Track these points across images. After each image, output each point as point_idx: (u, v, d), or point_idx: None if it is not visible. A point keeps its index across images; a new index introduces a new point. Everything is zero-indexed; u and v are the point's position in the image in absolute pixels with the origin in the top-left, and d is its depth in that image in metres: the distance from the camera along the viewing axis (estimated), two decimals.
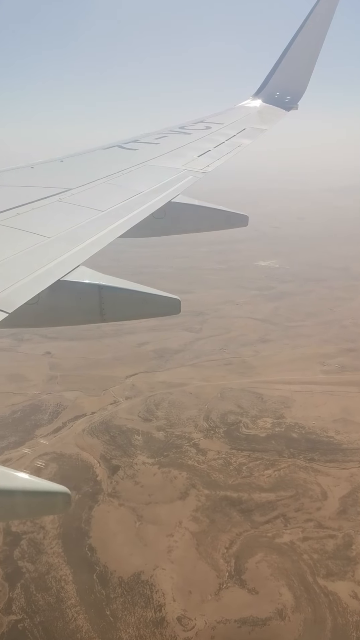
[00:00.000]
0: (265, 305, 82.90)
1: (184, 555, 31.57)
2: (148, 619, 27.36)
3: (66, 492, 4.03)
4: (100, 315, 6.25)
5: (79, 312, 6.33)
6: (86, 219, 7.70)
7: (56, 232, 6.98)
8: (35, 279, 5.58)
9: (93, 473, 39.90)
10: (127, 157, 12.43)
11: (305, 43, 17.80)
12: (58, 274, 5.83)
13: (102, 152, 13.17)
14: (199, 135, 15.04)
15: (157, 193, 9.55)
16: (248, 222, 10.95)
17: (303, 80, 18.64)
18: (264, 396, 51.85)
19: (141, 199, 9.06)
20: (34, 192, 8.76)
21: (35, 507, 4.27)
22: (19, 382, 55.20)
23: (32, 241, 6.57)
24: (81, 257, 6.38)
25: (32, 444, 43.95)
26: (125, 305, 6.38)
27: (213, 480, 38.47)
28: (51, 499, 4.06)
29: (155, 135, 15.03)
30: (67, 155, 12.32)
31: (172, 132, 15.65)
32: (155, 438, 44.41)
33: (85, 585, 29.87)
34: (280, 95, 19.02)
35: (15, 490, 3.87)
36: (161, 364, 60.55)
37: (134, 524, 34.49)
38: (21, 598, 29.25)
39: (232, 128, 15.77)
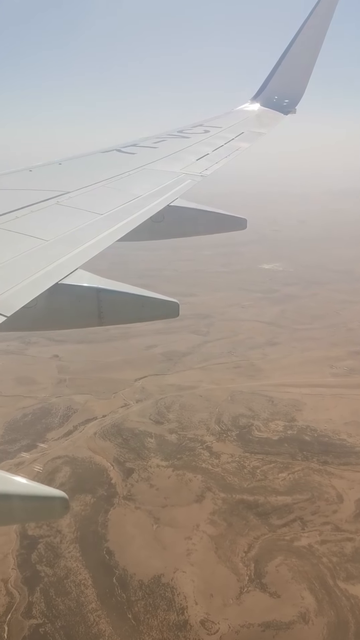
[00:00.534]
0: (271, 308, 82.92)
1: (203, 559, 31.50)
2: (171, 622, 27.28)
3: (64, 497, 3.97)
4: (98, 319, 6.21)
5: (77, 315, 6.30)
6: (85, 222, 7.69)
7: (54, 235, 6.96)
8: (34, 282, 5.57)
9: (107, 476, 39.82)
10: (126, 160, 12.45)
11: (303, 47, 17.83)
12: (56, 277, 5.81)
13: (100, 155, 13.17)
14: (198, 139, 15.05)
15: (155, 197, 9.56)
16: (247, 226, 10.86)
17: (301, 84, 18.67)
18: (274, 399, 51.82)
19: (140, 203, 9.06)
20: (33, 195, 8.75)
21: (33, 512, 4.23)
22: (29, 385, 55.12)
23: (30, 244, 6.54)
24: (80, 261, 6.36)
25: (44, 447, 43.82)
26: (123, 308, 6.36)
27: (228, 483, 38.42)
28: (49, 503, 4.01)
29: (154, 139, 15.02)
30: (65, 158, 12.30)
31: (171, 135, 15.64)
32: (168, 441, 44.35)
33: (105, 589, 29.78)
34: (279, 99, 19.01)
35: (13, 495, 3.83)
36: (170, 366, 60.51)
37: (151, 527, 34.41)
38: (41, 602, 29.15)
39: (230, 132, 15.80)
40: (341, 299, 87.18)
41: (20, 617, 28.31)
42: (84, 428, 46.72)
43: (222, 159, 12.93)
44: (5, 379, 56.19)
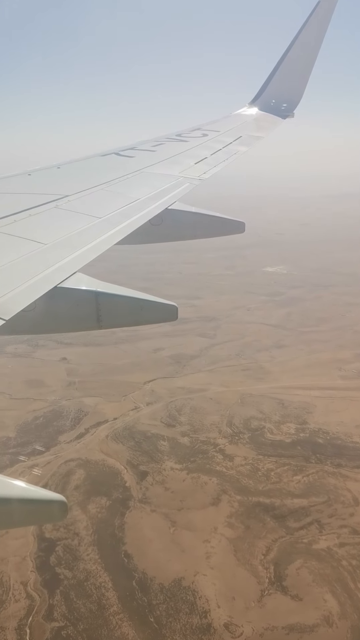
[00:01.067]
0: (277, 310, 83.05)
1: (223, 562, 31.49)
2: (194, 626, 27.24)
3: (62, 501, 3.97)
4: (97, 322, 6.18)
5: (75, 318, 6.27)
6: (83, 225, 7.67)
7: (53, 238, 6.94)
8: (32, 285, 5.57)
9: (121, 479, 39.79)
10: (124, 164, 12.40)
11: (300, 51, 17.90)
12: (55, 280, 5.79)
13: (99, 159, 13.14)
14: (196, 142, 15.02)
15: (154, 200, 9.55)
16: (245, 229, 10.75)
17: (299, 89, 18.71)
18: (284, 402, 51.85)
19: (138, 206, 9.06)
20: (31, 198, 8.71)
21: (31, 515, 4.25)
22: (38, 388, 55.07)
23: (29, 248, 6.52)
24: (78, 264, 6.33)
25: (57, 450, 43.80)
26: (122, 311, 6.34)
27: (243, 486, 38.42)
28: (48, 507, 4.01)
29: (152, 142, 15.01)
30: (64, 162, 12.31)
31: (169, 139, 15.63)
32: (181, 444, 44.35)
33: (126, 592, 29.75)
34: (276, 103, 19.02)
35: (12, 499, 3.84)
36: (178, 369, 60.51)
37: (169, 530, 34.39)
38: (62, 605, 29.10)
39: (228, 135, 15.80)
40: (346, 301, 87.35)
41: (41, 620, 28.27)
42: (96, 431, 46.68)
43: (220, 162, 12.95)
44: (15, 382, 56.21)
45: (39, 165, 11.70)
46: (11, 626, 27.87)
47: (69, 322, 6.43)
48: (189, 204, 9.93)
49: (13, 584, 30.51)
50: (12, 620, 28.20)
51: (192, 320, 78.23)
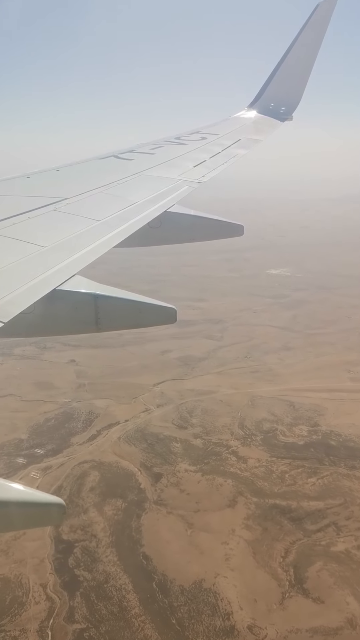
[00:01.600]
0: (283, 313, 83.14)
1: (243, 564, 31.50)
2: (217, 628, 27.23)
3: (61, 504, 3.98)
4: (96, 325, 6.16)
5: (74, 321, 6.25)
6: (82, 228, 7.64)
7: (52, 241, 6.92)
8: (31, 288, 5.55)
9: (135, 481, 39.78)
10: (123, 167, 12.38)
11: (299, 55, 17.92)
12: (54, 283, 5.78)
13: (98, 161, 12.99)
14: (195, 145, 15.00)
15: (152, 203, 9.51)
16: (243, 232, 10.68)
17: (297, 92, 18.70)
18: (295, 404, 51.87)
19: (137, 209, 9.02)
20: (30, 201, 8.73)
21: (30, 518, 4.23)
22: (48, 390, 55.06)
23: (27, 250, 6.50)
24: (77, 267, 6.30)
25: (70, 451, 43.78)
26: (121, 314, 6.28)
27: (259, 488, 38.43)
28: (46, 510, 4.03)
29: (151, 145, 14.95)
30: (63, 164, 12.25)
31: (168, 142, 15.58)
32: (194, 445, 44.36)
33: (147, 594, 29.74)
34: (275, 106, 18.99)
35: (10, 502, 3.84)
36: (187, 371, 60.51)
37: (186, 532, 34.39)
38: (82, 607, 29.08)
39: (227, 139, 15.77)
40: (351, 303, 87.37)
41: (62, 622, 28.24)
42: (108, 433, 46.67)
43: (219, 165, 12.92)
44: (25, 384, 56.20)
45: (38, 168, 11.66)
46: (32, 628, 27.84)
47: (67, 325, 6.43)
48: (188, 207, 9.93)
49: (32, 586, 30.48)
50: (33, 623, 28.16)
51: (198, 322, 78.28)
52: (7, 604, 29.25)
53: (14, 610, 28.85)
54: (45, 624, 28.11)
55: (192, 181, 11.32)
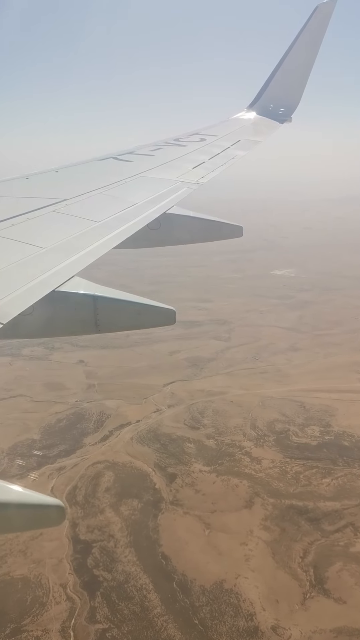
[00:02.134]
0: (289, 313, 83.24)
1: (263, 564, 31.53)
2: (241, 628, 27.24)
3: (60, 505, 4.00)
4: (95, 326, 6.15)
5: (73, 322, 6.26)
6: (81, 229, 7.62)
7: (51, 242, 6.90)
8: (30, 289, 5.55)
9: (150, 481, 39.79)
10: (122, 168, 12.33)
11: (299, 57, 17.94)
12: (53, 284, 5.78)
13: (97, 163, 12.95)
14: (194, 147, 14.85)
15: (152, 204, 9.48)
16: (243, 233, 10.69)
17: (297, 94, 18.72)
18: (305, 405, 51.93)
19: (136, 210, 9.00)
20: (29, 202, 8.69)
21: (29, 520, 4.21)
22: (58, 390, 55.04)
23: (27, 252, 6.48)
24: (76, 268, 6.28)
25: (83, 452, 43.76)
26: (120, 315, 6.30)
27: (274, 488, 38.46)
28: (45, 511, 4.02)
29: (150, 147, 14.92)
30: (62, 166, 12.21)
31: (167, 144, 15.56)
32: (207, 446, 44.39)
33: (167, 594, 29.75)
34: (274, 108, 18.99)
35: (9, 503, 3.83)
36: (196, 372, 60.53)
37: (204, 532, 34.41)
38: (104, 607, 29.08)
39: (226, 140, 15.78)
40: (356, 304, 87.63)
41: (84, 622, 28.23)
42: (120, 433, 46.67)
43: (218, 167, 12.90)
44: (35, 384, 56.18)
45: (37, 169, 11.62)
46: (55, 628, 27.83)
47: (67, 326, 6.42)
48: (187, 208, 9.92)
49: (52, 586, 30.48)
50: (55, 623, 28.17)
51: (205, 323, 78.42)
52: (29, 604, 29.24)
53: (35, 611, 28.84)
54: (67, 624, 28.10)
55: (192, 182, 11.33)
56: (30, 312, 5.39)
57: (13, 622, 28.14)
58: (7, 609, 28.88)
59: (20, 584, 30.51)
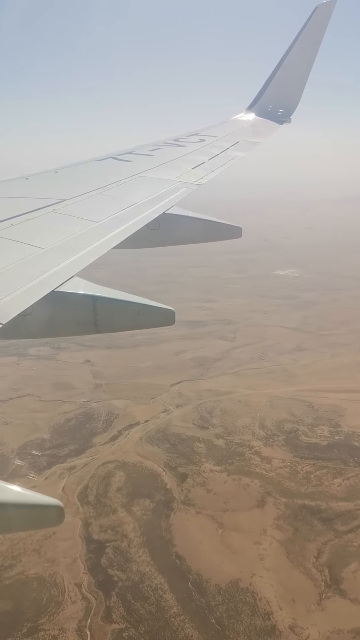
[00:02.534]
0: (293, 313, 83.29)
1: (277, 564, 31.53)
2: (258, 627, 27.23)
3: (59, 506, 3.97)
4: (94, 326, 6.17)
5: (73, 322, 6.28)
6: (81, 230, 7.64)
7: (50, 243, 6.92)
8: (29, 289, 5.56)
9: (161, 481, 39.78)
10: (122, 168, 12.36)
11: (298, 58, 17.94)
12: (52, 284, 5.79)
13: (96, 163, 12.98)
14: (193, 147, 14.91)
15: (151, 204, 9.52)
16: (242, 234, 10.69)
17: (296, 95, 18.75)
18: (314, 404, 51.95)
19: (136, 210, 9.04)
20: (28, 203, 8.71)
21: (28, 521, 4.22)
22: (66, 390, 55.05)
23: (26, 252, 6.50)
24: (75, 268, 6.30)
25: (93, 452, 43.75)
26: (119, 316, 6.33)
27: (286, 488, 38.48)
28: (44, 512, 4.01)
29: (149, 147, 14.79)
30: (61, 166, 12.13)
31: (167, 144, 15.45)
32: (217, 446, 44.40)
33: (183, 594, 29.74)
34: (273, 109, 19.02)
35: (7, 504, 3.83)
36: (203, 372, 60.54)
37: (217, 532, 34.43)
38: (119, 607, 29.06)
39: (225, 141, 15.81)
40: None
41: (100, 622, 28.21)
42: (129, 433, 46.66)
43: (217, 167, 12.93)
44: (43, 384, 56.18)
45: (37, 170, 11.61)
46: (71, 628, 27.80)
47: (66, 326, 6.43)
48: (186, 209, 9.93)
49: (67, 586, 30.47)
50: (71, 622, 28.13)
51: (210, 323, 78.49)
52: (44, 603, 29.22)
53: (51, 610, 28.83)
54: (84, 624, 28.07)
55: (191, 183, 11.34)
56: (30, 313, 5.41)
57: (29, 621, 28.12)
58: (23, 608, 28.86)
59: (35, 583, 30.49)
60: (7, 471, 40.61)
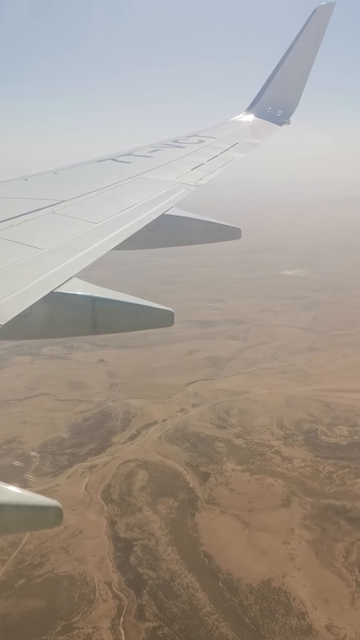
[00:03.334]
0: (303, 314, 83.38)
1: (307, 563, 31.54)
2: (294, 627, 27.23)
3: (57, 507, 3.95)
4: (93, 327, 6.16)
5: (72, 323, 6.26)
6: (80, 231, 7.63)
7: (49, 244, 6.91)
8: (29, 290, 5.56)
9: (183, 480, 39.78)
10: (121, 169, 12.34)
11: (297, 60, 17.93)
12: (51, 285, 5.79)
13: (96, 164, 12.96)
14: (193, 148, 14.89)
15: (150, 205, 9.50)
16: (241, 235, 10.64)
17: (295, 96, 18.72)
18: (330, 404, 51.98)
19: (135, 212, 9.02)
20: (28, 204, 8.69)
21: (27, 521, 4.19)
22: (81, 389, 55.04)
23: (25, 253, 6.49)
24: (74, 269, 6.30)
25: (112, 451, 43.73)
26: (118, 317, 6.32)
27: (310, 488, 38.50)
28: (43, 513, 3.99)
29: (149, 148, 14.76)
30: (61, 167, 12.13)
31: (166, 145, 15.42)
32: (237, 445, 44.42)
33: (215, 593, 29.72)
34: (272, 110, 18.99)
35: (6, 505, 3.82)
36: (217, 371, 60.57)
37: (243, 531, 34.42)
38: (152, 605, 29.04)
39: (225, 142, 15.78)
40: None
41: (133, 620, 28.19)
42: (147, 432, 46.65)
43: (216, 169, 12.90)
44: (58, 384, 56.18)
45: (36, 171, 11.57)
46: (105, 626, 27.78)
47: (65, 327, 6.43)
48: (187, 210, 9.91)
49: (97, 584, 30.46)
50: (104, 620, 28.11)
51: (220, 323, 78.57)
52: (76, 601, 29.22)
53: (83, 608, 28.82)
54: (117, 622, 28.05)
55: (190, 184, 11.32)
56: (29, 313, 5.41)
57: (63, 619, 28.12)
58: (56, 606, 28.85)
59: (66, 582, 30.49)
60: (30, 469, 40.58)
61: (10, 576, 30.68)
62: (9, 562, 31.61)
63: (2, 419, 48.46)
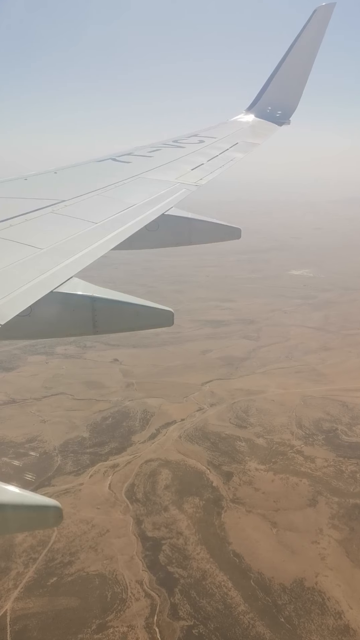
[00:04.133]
0: (314, 313, 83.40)
1: (339, 563, 31.50)
2: (331, 627, 27.18)
3: (57, 506, 3.95)
4: (92, 327, 6.18)
5: (71, 323, 6.28)
6: (80, 231, 7.64)
7: (49, 243, 6.92)
8: (28, 290, 5.57)
9: (207, 479, 39.73)
10: (121, 169, 12.37)
11: (297, 60, 17.96)
12: (51, 285, 5.80)
13: (95, 164, 13.01)
14: (193, 149, 14.91)
15: (150, 205, 9.53)
16: (241, 235, 10.65)
17: (295, 96, 18.78)
18: (348, 404, 51.95)
19: (135, 212, 9.04)
20: (28, 203, 8.72)
21: (26, 521, 4.17)
22: (98, 389, 54.95)
23: (25, 253, 6.50)
24: (74, 269, 6.32)
25: (133, 450, 43.67)
26: (118, 317, 6.33)
27: (335, 487, 38.46)
28: (42, 513, 3.99)
29: (149, 148, 14.83)
30: (60, 167, 12.15)
31: (166, 145, 15.47)
32: (258, 445, 44.38)
33: (248, 592, 29.67)
34: (272, 110, 19.08)
35: (6, 504, 3.81)
36: (232, 371, 60.51)
37: (271, 531, 34.37)
38: (185, 604, 29.00)
39: (225, 142, 15.72)
40: None
41: (167, 619, 28.15)
42: (167, 431, 46.60)
43: (216, 169, 12.90)
44: (74, 383, 56.11)
45: (36, 170, 11.60)
46: (139, 625, 27.73)
47: (65, 327, 6.44)
48: (189, 210, 9.91)
49: (129, 583, 30.43)
50: (138, 619, 28.07)
51: (232, 322, 78.53)
52: (109, 600, 29.18)
53: (116, 607, 28.78)
54: (151, 621, 28.01)
55: (190, 184, 11.32)
56: (28, 313, 5.43)
57: (97, 617, 28.06)
58: (89, 605, 28.80)
59: (97, 580, 30.44)
60: (52, 469, 40.50)
61: (42, 574, 30.63)
62: (40, 560, 31.54)
63: (21, 418, 48.39)
